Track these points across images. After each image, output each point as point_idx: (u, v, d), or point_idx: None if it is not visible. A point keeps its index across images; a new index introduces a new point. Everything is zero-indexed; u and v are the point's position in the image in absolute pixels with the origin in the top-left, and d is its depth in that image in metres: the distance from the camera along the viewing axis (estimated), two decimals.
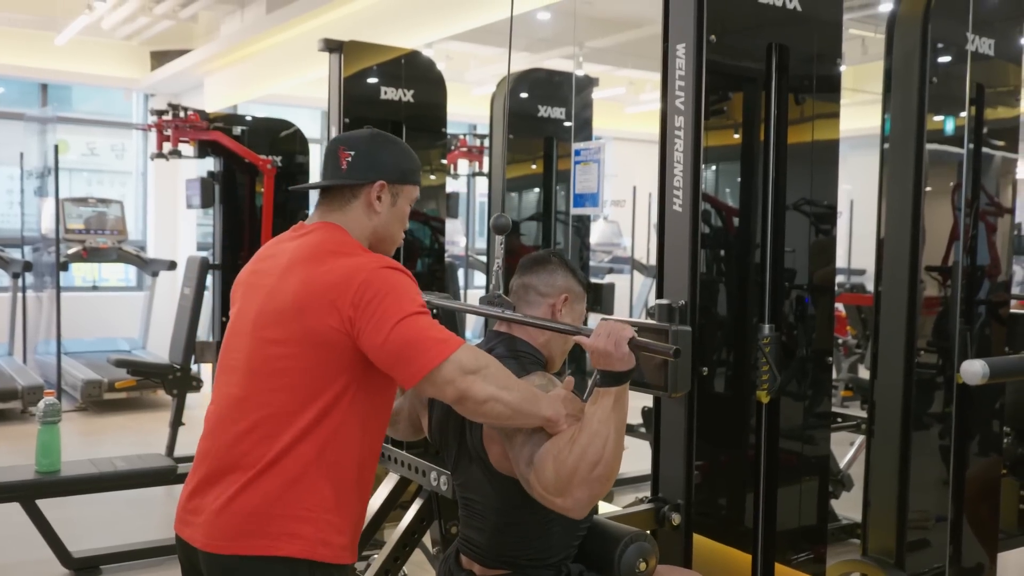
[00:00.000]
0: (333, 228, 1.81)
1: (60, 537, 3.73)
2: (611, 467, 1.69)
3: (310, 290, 1.70)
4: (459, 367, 1.64)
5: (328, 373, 1.69)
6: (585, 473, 1.67)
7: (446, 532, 2.78)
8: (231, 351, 1.81)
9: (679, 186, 2.44)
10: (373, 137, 1.88)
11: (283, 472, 1.68)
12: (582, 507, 1.71)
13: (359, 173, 1.82)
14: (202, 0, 7.47)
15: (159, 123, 5.46)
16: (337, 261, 1.72)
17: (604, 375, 1.72)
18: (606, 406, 1.70)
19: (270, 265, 1.81)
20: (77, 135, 9.66)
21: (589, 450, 1.67)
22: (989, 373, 1.58)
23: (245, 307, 1.81)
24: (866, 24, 7.23)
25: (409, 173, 1.88)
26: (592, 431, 1.68)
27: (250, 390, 1.73)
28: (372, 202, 1.83)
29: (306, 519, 1.69)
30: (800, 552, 2.68)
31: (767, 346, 2.49)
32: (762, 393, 2.51)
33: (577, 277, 2.06)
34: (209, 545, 1.70)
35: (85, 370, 7.47)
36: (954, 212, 2.90)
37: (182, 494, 1.82)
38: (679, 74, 2.43)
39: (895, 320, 2.78)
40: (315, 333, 1.68)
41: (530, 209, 5.08)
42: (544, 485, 1.71)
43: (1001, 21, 2.98)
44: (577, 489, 1.67)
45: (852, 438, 4.79)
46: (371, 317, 1.65)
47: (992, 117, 3.00)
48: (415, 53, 4.49)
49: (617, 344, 1.69)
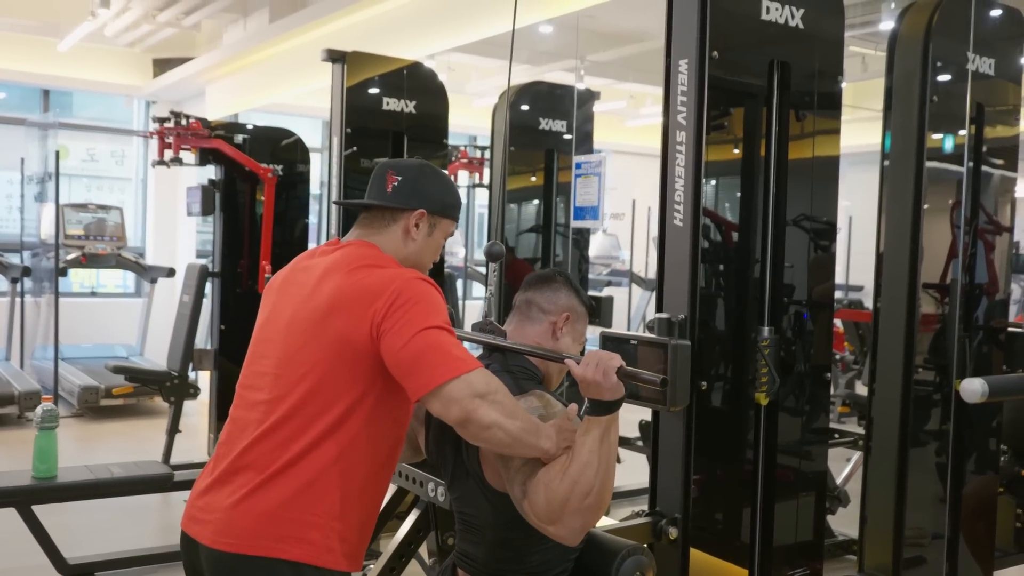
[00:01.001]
0: (370, 247, 1.85)
1: (56, 543, 3.72)
2: (602, 496, 1.69)
3: (344, 295, 1.73)
4: (469, 387, 1.64)
5: (352, 379, 1.71)
6: (577, 503, 1.68)
7: (443, 543, 2.78)
8: (260, 357, 1.83)
9: (680, 201, 2.45)
10: (422, 167, 1.92)
11: (298, 475, 1.69)
12: (575, 535, 1.72)
13: (403, 199, 1.87)
14: (205, 8, 7.49)
15: (161, 130, 5.47)
16: (373, 271, 1.76)
17: (593, 404, 1.72)
18: (596, 437, 1.70)
19: (304, 276, 1.84)
20: (77, 141, 9.67)
21: (580, 480, 1.68)
22: (988, 392, 1.58)
23: (276, 313, 1.84)
24: (867, 42, 7.26)
25: (450, 208, 1.93)
26: (583, 461, 1.68)
27: (276, 393, 1.75)
28: (410, 228, 1.87)
29: (315, 524, 1.70)
30: (796, 568, 2.68)
31: (766, 348, 2.50)
32: (761, 395, 2.51)
33: (580, 297, 2.08)
34: (217, 542, 1.70)
35: (82, 376, 7.46)
36: (953, 230, 2.92)
37: (193, 491, 1.82)
38: (681, 89, 2.45)
39: (893, 337, 2.79)
40: (345, 338, 1.70)
41: (530, 221, 5.09)
42: (536, 513, 1.72)
43: (1001, 41, 3.00)
44: (569, 518, 1.68)
45: (849, 454, 4.79)
46: (396, 322, 1.67)
47: (992, 136, 3.01)
48: (417, 64, 4.51)
49: (606, 374, 1.69)
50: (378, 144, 4.27)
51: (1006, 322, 3.08)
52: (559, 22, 6.08)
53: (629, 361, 1.77)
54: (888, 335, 2.81)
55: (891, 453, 2.78)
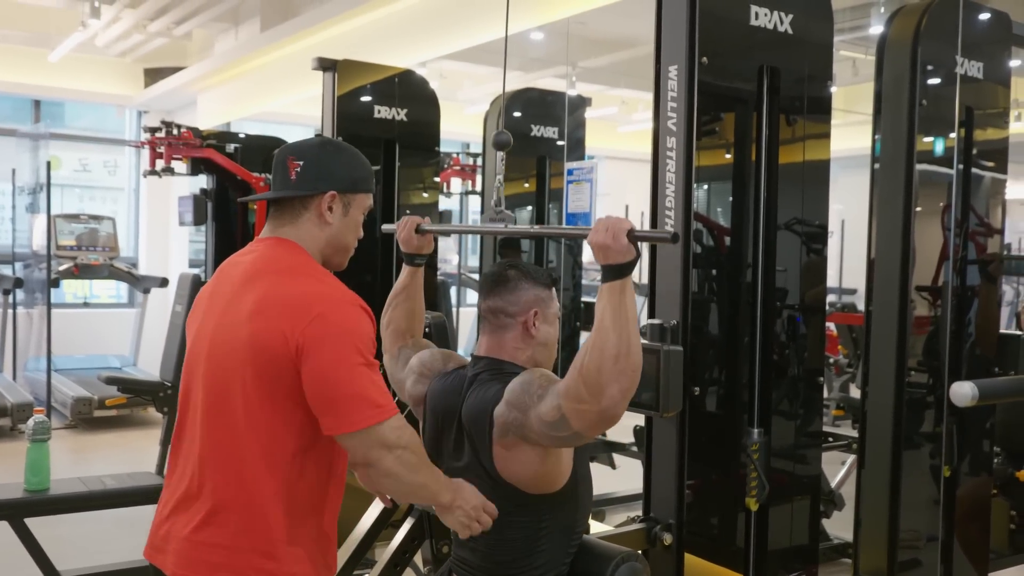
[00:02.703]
0: (286, 245, 1.77)
1: (49, 556, 3.70)
2: (633, 358, 1.68)
3: (264, 310, 1.66)
4: (380, 439, 1.64)
5: (283, 395, 1.66)
6: (611, 368, 1.67)
7: (437, 551, 2.77)
8: (191, 373, 1.79)
9: (671, 206, 2.45)
10: (322, 145, 1.83)
11: (248, 503, 1.66)
12: (618, 403, 1.69)
13: (309, 184, 1.77)
14: (196, 18, 7.49)
15: (152, 140, 5.46)
16: (295, 283, 1.69)
17: (606, 270, 1.73)
18: (613, 303, 1.70)
19: (225, 287, 1.78)
20: (69, 151, 9.65)
21: (606, 347, 1.68)
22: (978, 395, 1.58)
23: (202, 329, 1.78)
24: (857, 46, 7.29)
25: (361, 181, 1.83)
26: (604, 329, 1.69)
27: (208, 415, 1.71)
28: (323, 213, 1.78)
29: (270, 554, 1.66)
30: (791, 571, 2.68)
31: (755, 452, 2.51)
32: (751, 500, 2.53)
33: (539, 281, 2.01)
34: (177, 573, 1.68)
35: (75, 387, 7.42)
36: (944, 232, 2.92)
37: (154, 520, 1.79)
38: (671, 95, 2.45)
39: (886, 340, 2.80)
40: (264, 352, 1.64)
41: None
42: (579, 398, 1.70)
43: (989, 44, 3.02)
44: (608, 386, 1.67)
45: (843, 457, 4.79)
46: (319, 349, 1.61)
47: (981, 138, 3.03)
48: (408, 72, 4.51)
49: (616, 236, 1.70)
50: (370, 152, 4.22)
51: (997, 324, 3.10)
52: (550, 29, 6.09)
53: None
54: (880, 338, 2.82)
55: (885, 456, 2.78)
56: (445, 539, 2.75)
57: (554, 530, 1.94)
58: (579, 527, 2.01)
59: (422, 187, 4.58)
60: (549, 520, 1.92)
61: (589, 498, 2.02)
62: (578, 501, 1.96)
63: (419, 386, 2.12)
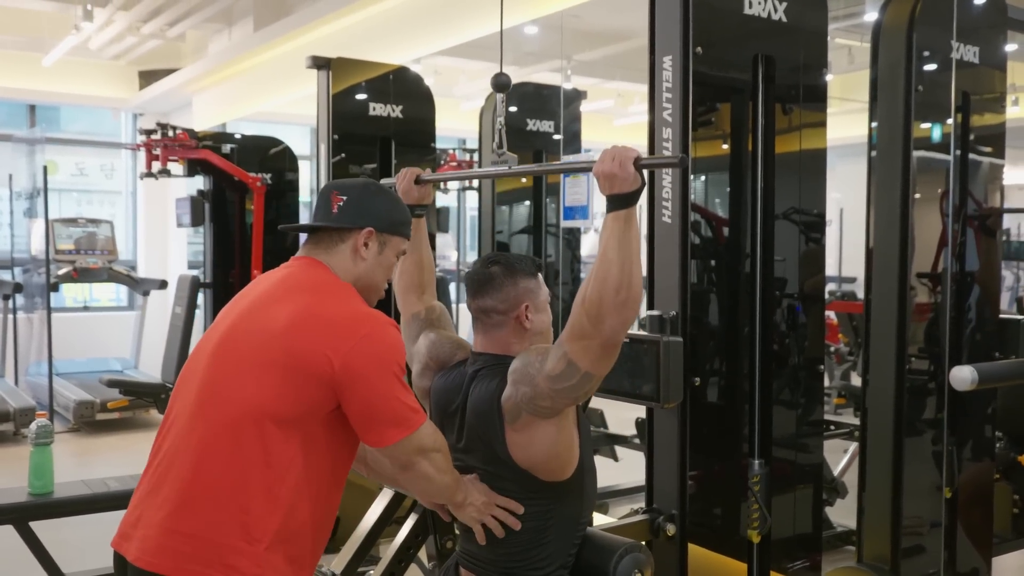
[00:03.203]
0: (322, 267, 1.83)
1: (55, 559, 3.70)
2: (634, 289, 1.71)
3: (302, 325, 1.70)
4: (418, 445, 1.75)
5: (295, 401, 1.69)
6: (611, 299, 1.70)
7: (442, 547, 2.77)
8: (190, 370, 1.81)
9: (668, 197, 2.45)
10: (366, 186, 1.91)
11: (232, 498, 1.66)
12: (618, 332, 1.74)
13: (349, 218, 1.84)
14: (189, 19, 7.47)
15: (148, 142, 5.46)
16: (336, 303, 1.75)
17: (612, 199, 1.75)
18: (618, 231, 1.72)
19: (256, 294, 1.83)
20: (66, 155, 9.64)
21: (608, 277, 1.70)
22: (978, 379, 1.58)
23: (215, 329, 1.83)
24: (852, 34, 7.28)
25: (399, 225, 1.91)
26: (607, 259, 1.71)
27: (201, 407, 1.72)
28: (359, 248, 1.84)
29: (244, 552, 1.65)
30: (795, 560, 2.68)
31: (756, 484, 2.51)
32: (753, 533, 2.53)
33: (525, 271, 1.99)
34: (140, 559, 1.66)
35: (77, 391, 7.42)
36: (943, 219, 2.92)
37: (128, 508, 1.79)
38: (666, 86, 2.45)
39: (886, 327, 2.80)
40: (299, 361, 1.68)
41: (521, 222, 5.09)
42: (582, 334, 1.74)
43: (985, 29, 3.01)
44: (608, 317, 1.71)
45: (846, 445, 4.80)
46: (363, 375, 1.68)
47: (978, 124, 3.02)
48: (403, 69, 4.51)
49: (623, 164, 1.72)
50: (366, 150, 4.27)
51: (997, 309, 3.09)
52: (544, 22, 6.08)
53: (622, 359, 1.78)
54: (880, 326, 2.82)
55: (887, 443, 2.78)
56: (449, 534, 2.75)
57: (560, 521, 1.94)
58: (584, 519, 2.02)
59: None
60: (556, 511, 1.92)
61: (593, 490, 2.02)
62: (583, 492, 1.97)
63: (424, 379, 2.12)
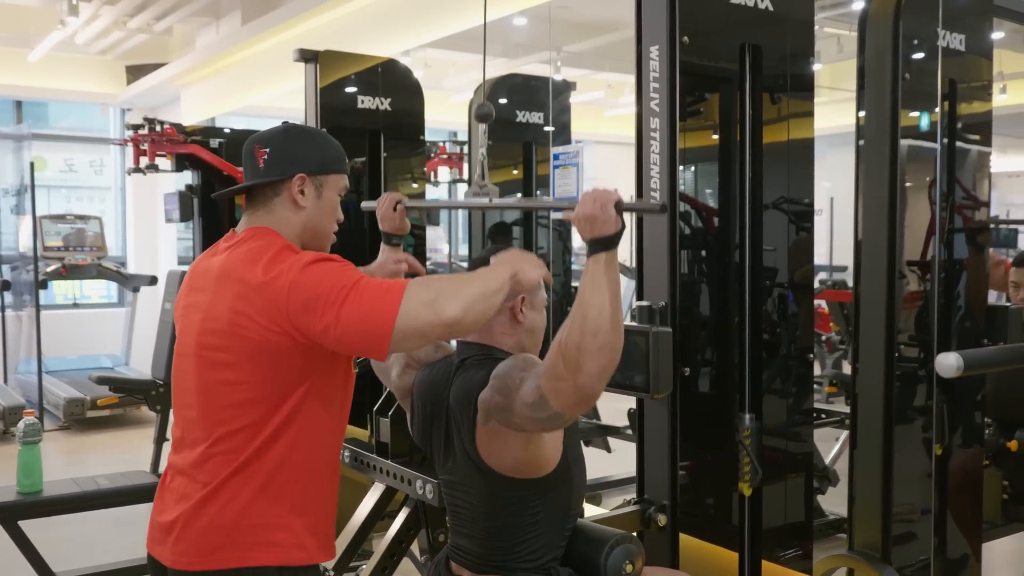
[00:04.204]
0: (263, 233, 1.77)
1: (45, 558, 3.69)
2: (613, 335, 1.66)
3: (244, 305, 1.66)
4: (420, 303, 1.59)
5: (279, 381, 1.68)
6: (590, 344, 1.64)
7: (434, 540, 2.78)
8: (180, 372, 1.80)
9: (656, 188, 2.44)
10: (287, 131, 1.83)
11: (248, 482, 1.67)
12: (595, 380, 1.66)
13: (277, 169, 1.77)
14: (176, 13, 7.43)
15: (135, 137, 5.43)
16: (266, 274, 1.67)
17: (592, 243, 1.71)
18: (598, 274, 1.68)
19: (203, 281, 1.78)
20: (55, 152, 9.59)
21: (587, 321, 1.65)
22: (963, 366, 1.58)
23: (186, 327, 1.79)
24: (840, 22, 7.28)
25: (331, 162, 1.83)
26: (586, 303, 1.66)
27: (204, 410, 1.72)
28: (295, 197, 1.78)
29: (279, 526, 1.68)
30: (787, 549, 2.69)
31: (747, 438, 2.51)
32: (744, 486, 2.53)
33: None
34: (178, 562, 1.68)
35: (67, 388, 7.40)
36: (931, 207, 2.92)
37: (152, 511, 1.80)
38: (653, 76, 2.44)
39: (875, 316, 2.80)
40: (256, 344, 1.65)
41: (512, 214, 5.08)
42: (557, 376, 1.68)
43: (971, 16, 3.01)
44: (587, 363, 1.64)
45: (837, 434, 4.81)
46: (316, 321, 1.60)
47: (965, 111, 3.02)
48: (392, 61, 4.49)
49: (604, 207, 1.70)
50: (355, 143, 4.25)
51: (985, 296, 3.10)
52: (532, 13, 6.06)
53: None
54: (869, 314, 2.82)
55: (876, 431, 2.79)
56: (441, 528, 2.75)
57: (549, 514, 1.94)
58: (574, 510, 2.02)
59: (409, 177, 4.56)
60: (542, 505, 1.92)
61: (582, 481, 2.02)
62: (571, 484, 1.96)
63: (406, 377, 2.12)
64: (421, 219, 4.64)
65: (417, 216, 2.23)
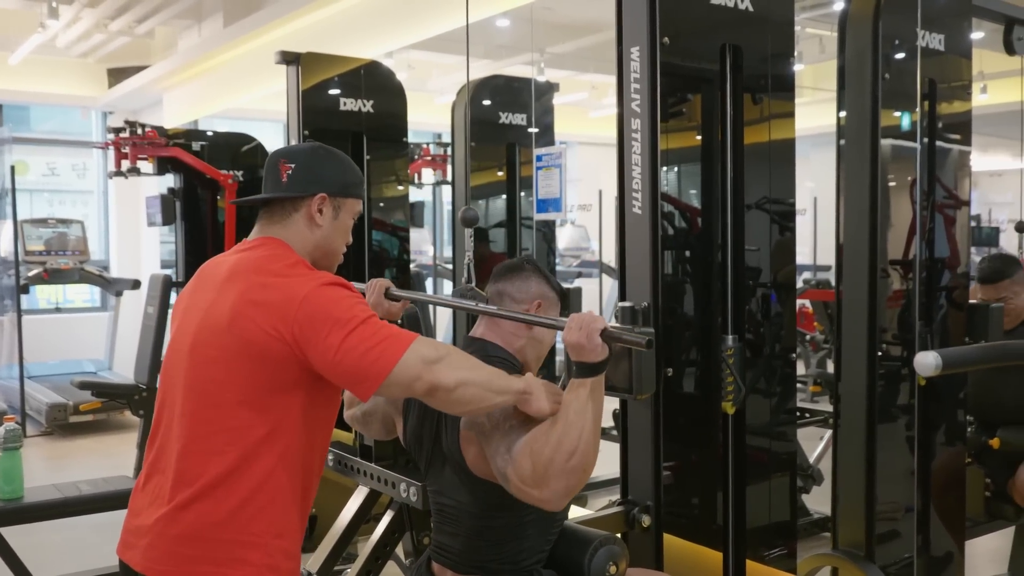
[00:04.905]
0: (275, 243, 1.79)
1: (27, 565, 3.66)
2: (587, 458, 1.68)
3: (248, 305, 1.66)
4: (420, 358, 1.62)
5: (267, 388, 1.66)
6: (561, 464, 1.66)
7: (418, 543, 2.77)
8: (171, 369, 1.78)
9: (638, 188, 2.44)
10: (314, 150, 1.86)
11: (229, 495, 1.65)
12: (559, 498, 1.70)
13: (300, 186, 1.80)
14: (158, 15, 7.39)
15: (116, 140, 5.40)
16: (277, 280, 1.68)
17: (579, 366, 1.72)
18: (582, 398, 1.70)
19: (209, 283, 1.78)
20: (38, 155, 9.52)
21: (565, 441, 1.67)
22: (942, 364, 1.59)
23: (184, 325, 1.78)
24: (822, 23, 7.31)
25: (351, 187, 1.87)
26: (568, 422, 1.68)
27: (188, 407, 1.70)
28: (313, 215, 1.80)
29: (254, 544, 1.66)
30: (772, 548, 2.70)
31: (730, 357, 2.51)
32: (727, 404, 2.53)
33: (551, 284, 2.08)
34: (149, 568, 1.65)
35: (50, 393, 7.34)
36: (913, 206, 2.94)
37: (127, 515, 1.78)
38: (634, 77, 2.44)
39: (857, 315, 2.81)
40: (253, 347, 1.65)
41: (496, 216, 5.07)
42: (521, 477, 1.70)
43: (950, 17, 3.02)
44: (554, 480, 1.67)
45: (822, 433, 4.83)
46: (318, 338, 1.62)
47: (946, 111, 3.04)
48: (374, 63, 4.47)
49: (589, 336, 1.70)
50: (337, 145, 4.12)
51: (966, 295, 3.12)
52: (515, 15, 6.06)
53: None
54: (851, 314, 2.83)
55: (859, 430, 2.80)
56: (426, 530, 2.75)
57: (535, 519, 1.94)
58: (560, 515, 2.02)
59: (393, 179, 4.55)
60: (528, 508, 1.91)
61: None
62: None
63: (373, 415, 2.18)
64: (404, 221, 4.62)
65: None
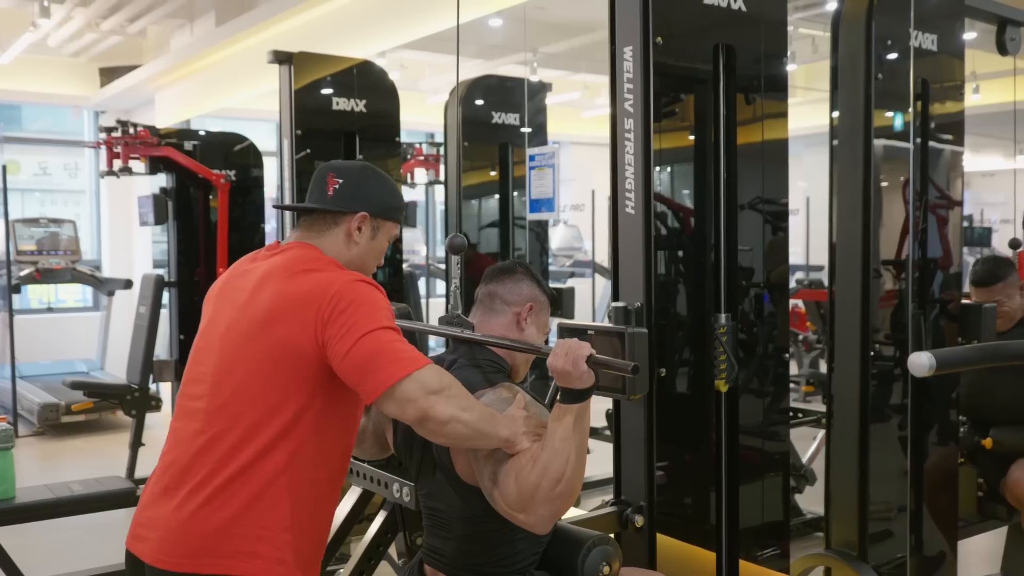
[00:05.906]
0: (311, 248, 1.82)
1: (18, 566, 3.65)
2: (573, 484, 1.70)
3: (283, 302, 1.70)
4: (422, 385, 1.64)
5: (295, 385, 1.68)
6: (547, 490, 1.68)
7: (411, 543, 2.76)
8: (198, 363, 1.79)
9: (631, 188, 2.44)
10: (363, 169, 1.91)
11: (244, 489, 1.66)
12: (545, 523, 1.72)
13: (344, 202, 1.84)
14: (150, 15, 7.36)
15: (108, 140, 5.37)
16: (311, 276, 1.73)
17: (565, 392, 1.73)
18: (567, 424, 1.71)
19: (243, 281, 1.81)
20: (29, 155, 9.49)
21: (551, 468, 1.68)
22: (936, 365, 1.59)
23: (216, 319, 1.81)
24: (815, 23, 7.32)
25: (393, 210, 1.91)
26: (554, 449, 1.69)
27: (215, 402, 1.71)
28: (352, 232, 1.84)
29: (264, 538, 1.66)
30: (765, 548, 2.70)
31: (724, 335, 2.51)
32: (720, 383, 2.52)
33: (542, 287, 2.09)
34: (160, 560, 1.66)
35: (42, 393, 7.31)
36: (905, 206, 2.94)
37: (138, 507, 1.78)
38: (627, 76, 2.44)
39: (850, 315, 2.81)
40: (286, 345, 1.68)
41: (489, 216, 5.07)
42: (507, 501, 1.72)
43: (943, 17, 3.03)
44: (540, 506, 1.69)
45: (815, 433, 4.84)
46: (340, 327, 1.65)
47: (939, 112, 3.04)
48: (367, 63, 4.47)
49: (575, 363, 1.70)
50: (330, 145, 4.23)
51: (960, 290, 3.12)
52: (508, 15, 6.06)
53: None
54: (844, 314, 2.83)
55: (852, 430, 2.80)
56: (419, 531, 2.73)
57: None
58: None
59: None
60: None
61: None
62: None
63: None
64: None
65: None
